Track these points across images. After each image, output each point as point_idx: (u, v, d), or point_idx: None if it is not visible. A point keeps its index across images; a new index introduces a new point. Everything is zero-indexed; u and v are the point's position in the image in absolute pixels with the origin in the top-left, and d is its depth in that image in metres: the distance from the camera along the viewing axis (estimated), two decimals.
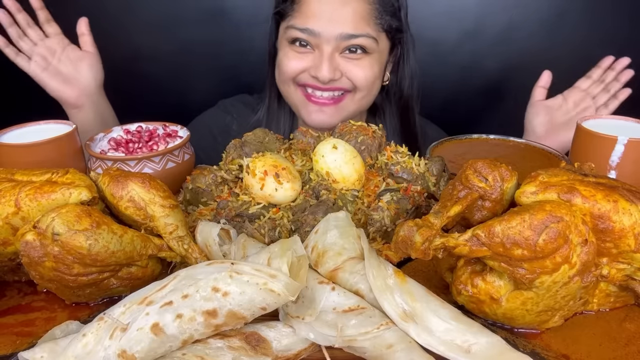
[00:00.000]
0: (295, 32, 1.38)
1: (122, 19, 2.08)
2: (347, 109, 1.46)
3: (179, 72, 2.18)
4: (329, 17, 1.35)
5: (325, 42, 1.36)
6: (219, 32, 2.09)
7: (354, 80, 1.41)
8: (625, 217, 0.66)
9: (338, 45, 1.37)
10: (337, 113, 1.45)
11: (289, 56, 1.42)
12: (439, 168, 1.02)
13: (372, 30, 1.38)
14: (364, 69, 1.40)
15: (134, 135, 1.17)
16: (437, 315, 0.66)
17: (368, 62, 1.41)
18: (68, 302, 0.79)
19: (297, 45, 1.41)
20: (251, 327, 0.67)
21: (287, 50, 1.43)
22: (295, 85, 1.45)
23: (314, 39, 1.37)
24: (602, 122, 1.15)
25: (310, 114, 1.45)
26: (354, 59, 1.39)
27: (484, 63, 2.11)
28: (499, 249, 0.64)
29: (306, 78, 1.42)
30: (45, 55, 1.40)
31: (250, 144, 1.05)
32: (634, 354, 0.68)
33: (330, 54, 1.37)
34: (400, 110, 1.60)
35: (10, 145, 1.05)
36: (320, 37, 1.36)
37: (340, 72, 1.39)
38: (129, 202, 0.79)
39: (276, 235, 0.88)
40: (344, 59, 1.39)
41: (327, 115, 1.44)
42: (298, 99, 1.46)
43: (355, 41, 1.37)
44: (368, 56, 1.41)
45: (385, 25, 1.41)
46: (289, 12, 1.41)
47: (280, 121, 1.61)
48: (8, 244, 0.76)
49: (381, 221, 0.89)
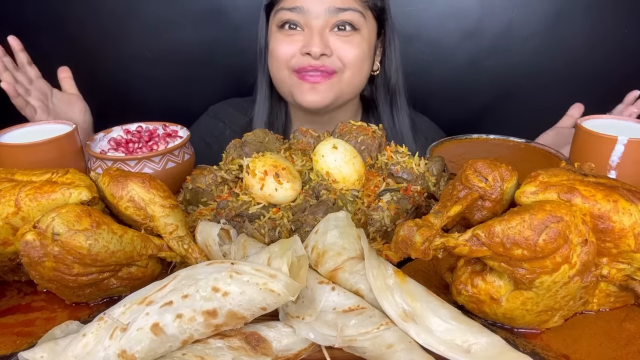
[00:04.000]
0: (285, 12, 1.43)
1: (121, 19, 2.08)
2: (339, 86, 1.48)
3: (178, 72, 2.18)
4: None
5: (314, 18, 1.40)
6: (218, 32, 2.09)
7: (343, 58, 1.44)
8: (625, 217, 0.66)
9: (327, 20, 1.41)
10: (330, 90, 1.46)
11: (279, 40, 1.46)
12: (439, 168, 1.02)
13: (359, 5, 1.43)
14: (354, 46, 1.44)
15: (134, 135, 1.17)
16: (437, 315, 0.66)
17: (357, 39, 1.44)
18: (68, 302, 0.79)
19: (287, 28, 1.45)
20: (251, 327, 0.67)
21: (277, 35, 1.47)
22: (289, 71, 1.47)
23: (302, 17, 1.41)
24: (602, 122, 1.15)
25: (304, 94, 1.46)
26: (343, 36, 1.43)
27: (484, 63, 2.11)
28: (499, 249, 0.64)
29: (299, 60, 1.44)
30: (41, 99, 1.35)
31: (250, 144, 1.05)
32: (634, 354, 0.68)
33: (320, 28, 1.41)
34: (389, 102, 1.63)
35: (10, 145, 1.05)
36: (309, 13, 1.40)
37: (330, 49, 1.42)
38: (129, 202, 0.79)
39: (276, 235, 0.88)
40: (333, 36, 1.43)
41: (320, 93, 1.45)
42: (292, 82, 1.48)
43: (343, 15, 1.41)
44: (357, 34, 1.44)
45: (370, 2, 1.46)
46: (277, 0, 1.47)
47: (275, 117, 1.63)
48: (8, 244, 0.77)
49: (381, 221, 0.89)
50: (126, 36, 2.11)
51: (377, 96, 1.64)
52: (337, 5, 1.40)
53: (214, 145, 1.64)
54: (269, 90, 1.61)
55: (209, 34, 2.10)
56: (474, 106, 2.20)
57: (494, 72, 2.13)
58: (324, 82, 1.45)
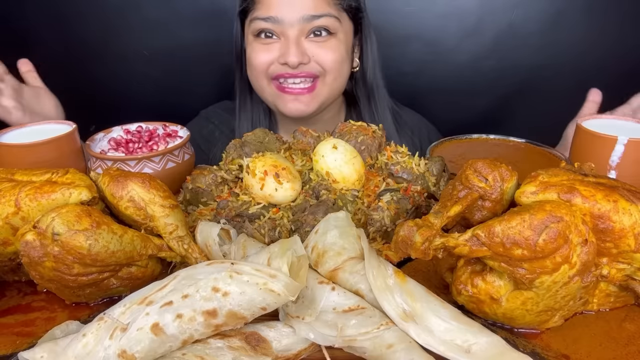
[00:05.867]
0: (259, 22, 1.41)
1: (121, 19, 2.08)
2: (322, 94, 1.47)
3: (178, 71, 2.17)
4: (289, 3, 1.38)
5: (289, 27, 1.39)
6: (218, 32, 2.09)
7: (322, 63, 1.43)
8: (625, 217, 0.66)
9: (302, 28, 1.40)
10: (313, 100, 1.46)
11: (256, 50, 1.45)
12: (439, 168, 1.02)
13: (333, 10, 1.42)
14: (332, 51, 1.43)
15: (134, 135, 1.17)
16: (437, 315, 0.66)
17: (334, 43, 1.44)
18: (68, 302, 0.79)
19: (263, 37, 1.43)
20: (251, 327, 0.67)
21: (254, 45, 1.45)
22: (268, 80, 1.47)
23: (278, 26, 1.40)
24: (602, 122, 1.15)
25: (286, 103, 1.46)
26: (320, 41, 1.42)
27: (484, 63, 2.11)
28: (499, 249, 0.64)
29: (276, 68, 1.43)
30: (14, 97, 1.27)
31: (250, 144, 1.05)
32: (634, 354, 0.68)
33: (296, 37, 1.39)
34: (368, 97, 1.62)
35: (10, 145, 1.05)
36: (283, 23, 1.39)
37: (308, 56, 1.41)
38: (129, 202, 0.79)
39: (276, 235, 0.88)
40: (310, 43, 1.42)
41: (304, 103, 1.45)
42: (272, 93, 1.48)
43: (318, 22, 1.39)
44: (333, 37, 1.43)
45: (344, 4, 1.45)
46: (251, 7, 1.45)
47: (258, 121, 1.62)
48: (8, 244, 0.76)
49: (381, 221, 0.89)
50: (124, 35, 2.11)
51: (357, 91, 1.64)
52: (311, 13, 1.38)
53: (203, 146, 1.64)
54: (249, 95, 1.61)
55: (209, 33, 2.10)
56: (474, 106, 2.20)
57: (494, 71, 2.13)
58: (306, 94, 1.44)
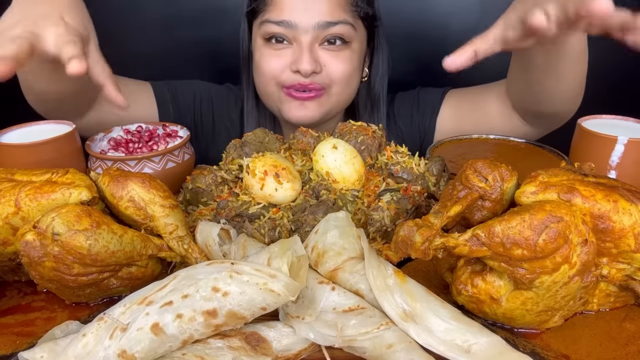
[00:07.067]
0: (271, 26, 1.34)
1: (121, 19, 2.08)
2: (329, 102, 1.42)
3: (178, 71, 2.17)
4: (304, 7, 1.32)
5: (303, 33, 1.32)
6: (218, 31, 2.09)
7: (332, 74, 1.37)
8: (625, 217, 0.66)
9: (317, 35, 1.33)
10: (319, 107, 1.40)
11: (266, 56, 1.37)
12: (439, 168, 1.02)
13: (349, 17, 1.35)
14: (343, 62, 1.37)
15: (134, 135, 1.17)
16: (437, 315, 0.66)
17: (347, 54, 1.38)
18: (68, 302, 0.79)
19: (274, 42, 1.36)
20: (251, 327, 0.67)
21: (264, 50, 1.38)
22: (277, 87, 1.40)
23: (290, 31, 1.33)
24: (602, 122, 1.15)
25: (291, 109, 1.40)
26: (334, 50, 1.36)
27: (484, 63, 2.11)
28: (499, 249, 0.64)
29: (288, 77, 1.36)
30: None
31: (250, 144, 1.05)
32: (634, 354, 0.68)
33: (309, 44, 1.33)
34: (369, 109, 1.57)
35: (10, 145, 1.04)
36: (297, 28, 1.32)
37: (320, 65, 1.35)
38: (129, 202, 0.79)
39: (276, 235, 0.88)
40: (323, 51, 1.35)
41: (309, 110, 1.39)
42: (279, 98, 1.41)
43: (333, 30, 1.33)
44: (347, 48, 1.38)
45: (361, 12, 1.38)
46: (261, 7, 1.37)
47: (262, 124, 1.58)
48: (8, 244, 0.76)
49: (381, 221, 0.89)
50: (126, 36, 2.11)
51: (359, 100, 1.57)
52: (327, 19, 1.31)
53: (203, 107, 1.60)
54: (255, 100, 1.56)
55: (209, 33, 2.10)
56: None
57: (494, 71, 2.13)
58: (313, 100, 1.39)
